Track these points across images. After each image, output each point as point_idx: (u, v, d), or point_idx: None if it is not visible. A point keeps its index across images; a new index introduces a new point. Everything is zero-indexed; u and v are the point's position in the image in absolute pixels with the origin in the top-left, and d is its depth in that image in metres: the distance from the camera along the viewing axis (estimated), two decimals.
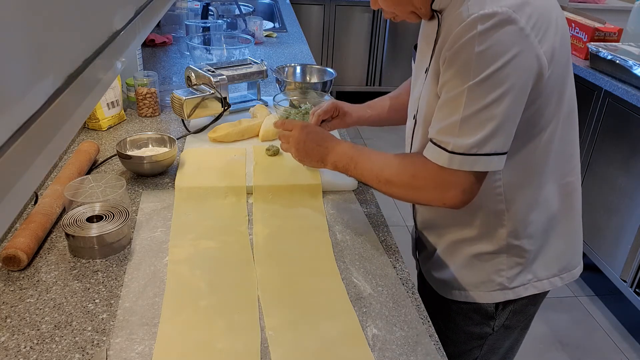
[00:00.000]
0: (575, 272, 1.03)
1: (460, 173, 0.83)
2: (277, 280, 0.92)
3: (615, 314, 2.28)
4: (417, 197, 0.92)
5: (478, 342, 1.07)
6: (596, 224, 2.24)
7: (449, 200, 0.85)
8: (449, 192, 0.85)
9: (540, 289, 1.00)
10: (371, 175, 0.95)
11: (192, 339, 0.78)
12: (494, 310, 1.02)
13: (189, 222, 1.05)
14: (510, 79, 0.77)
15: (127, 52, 0.52)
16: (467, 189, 0.84)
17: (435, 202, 0.88)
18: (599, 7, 3.83)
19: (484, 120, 0.79)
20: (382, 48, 4.09)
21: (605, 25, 2.35)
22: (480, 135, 0.79)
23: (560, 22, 0.84)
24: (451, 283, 1.04)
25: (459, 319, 1.06)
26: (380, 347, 0.79)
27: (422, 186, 0.88)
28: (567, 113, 0.90)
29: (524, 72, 0.78)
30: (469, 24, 0.77)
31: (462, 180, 0.83)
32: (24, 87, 0.31)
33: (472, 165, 0.81)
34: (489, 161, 0.81)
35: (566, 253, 1.01)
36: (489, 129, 0.79)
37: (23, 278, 0.89)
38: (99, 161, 1.27)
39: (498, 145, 0.80)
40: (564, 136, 0.92)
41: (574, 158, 0.97)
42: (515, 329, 1.07)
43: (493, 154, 0.81)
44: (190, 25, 2.32)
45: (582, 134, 2.30)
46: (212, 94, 1.41)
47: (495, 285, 0.99)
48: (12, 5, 0.29)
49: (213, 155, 1.29)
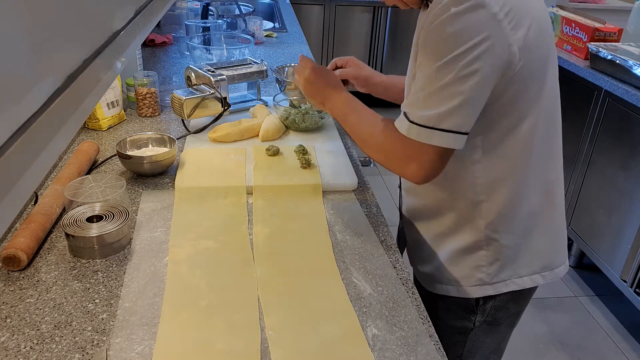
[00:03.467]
0: (558, 271, 1.04)
1: (421, 146, 0.85)
2: (277, 280, 0.92)
3: (615, 314, 2.28)
4: (384, 162, 0.95)
5: (461, 337, 1.09)
6: (596, 224, 2.24)
7: (408, 172, 0.88)
8: (410, 164, 0.88)
9: (520, 286, 1.01)
10: (353, 132, 1.00)
11: (192, 338, 0.78)
12: (474, 304, 1.04)
13: (189, 222, 1.05)
14: (477, 61, 0.79)
15: (127, 52, 0.52)
16: (426, 164, 0.86)
17: (397, 170, 0.91)
18: (599, 7, 3.83)
19: (446, 96, 0.81)
20: (382, 48, 4.09)
21: (605, 25, 2.35)
22: (439, 110, 0.82)
23: (539, 15, 0.85)
24: (434, 277, 1.07)
25: (442, 313, 1.08)
26: (380, 347, 0.79)
27: (389, 152, 0.92)
28: (548, 110, 0.92)
29: (491, 57, 0.79)
30: (444, 6, 0.80)
31: (422, 155, 0.86)
32: (24, 87, 0.31)
33: (429, 138, 0.84)
34: (446, 137, 0.83)
35: (548, 251, 1.02)
36: (450, 106, 0.81)
37: (23, 278, 0.89)
38: (99, 161, 1.27)
39: (456, 123, 0.82)
40: (546, 133, 0.93)
41: (557, 157, 0.99)
42: (498, 325, 1.08)
43: (450, 131, 0.83)
44: (190, 25, 2.32)
45: (582, 134, 2.30)
46: (212, 94, 1.41)
47: (475, 280, 1.01)
48: (12, 5, 0.29)
49: (213, 155, 1.29)
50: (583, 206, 2.32)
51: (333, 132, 1.46)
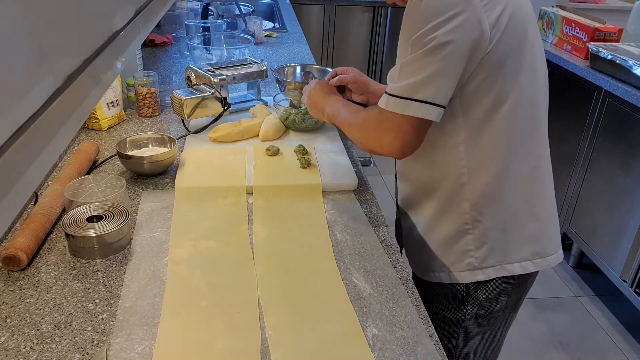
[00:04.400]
0: (550, 259, 1.04)
1: (395, 117, 0.88)
2: (277, 280, 0.92)
3: (615, 314, 2.28)
4: (364, 141, 0.97)
5: (452, 329, 1.09)
6: (596, 224, 2.24)
7: (386, 144, 0.91)
8: (385, 135, 0.91)
9: (511, 272, 1.02)
10: (342, 122, 1.05)
11: (192, 338, 0.78)
12: (464, 293, 1.05)
13: (189, 222, 1.05)
14: (449, 35, 0.83)
15: (127, 52, 0.52)
16: (402, 135, 0.89)
17: (374, 143, 0.94)
18: (599, 7, 3.83)
19: (419, 67, 0.85)
20: (382, 48, 4.09)
21: (605, 25, 2.35)
22: (412, 80, 0.86)
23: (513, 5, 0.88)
24: (426, 264, 1.09)
25: (434, 304, 1.09)
26: (380, 347, 0.79)
27: (367, 129, 0.95)
28: (529, 95, 0.94)
29: (463, 31, 0.83)
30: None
31: (398, 125, 0.89)
32: (24, 87, 0.31)
33: (404, 108, 0.87)
34: (419, 107, 0.86)
35: (539, 238, 1.02)
36: (422, 76, 0.85)
37: (23, 278, 0.89)
38: (99, 161, 1.27)
39: (430, 93, 0.85)
40: (529, 118, 0.96)
41: (542, 144, 1.01)
42: (490, 319, 1.08)
43: (424, 101, 0.85)
44: (190, 25, 2.32)
45: (582, 134, 2.30)
46: (212, 94, 1.41)
47: (465, 265, 1.02)
48: (13, 5, 0.29)
49: (213, 155, 1.29)
50: (583, 206, 2.32)
51: (333, 132, 1.46)
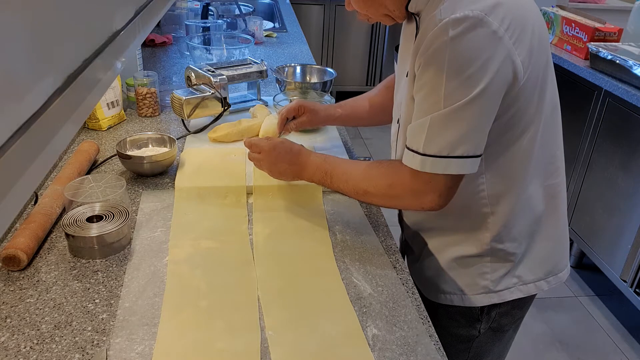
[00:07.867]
0: (561, 275, 1.03)
1: (435, 177, 0.83)
2: (277, 280, 0.92)
3: (615, 314, 2.28)
4: (396, 204, 0.93)
5: (465, 345, 1.07)
6: (596, 224, 2.24)
7: (426, 204, 0.86)
8: (426, 196, 0.85)
9: (525, 293, 0.99)
10: (348, 188, 0.97)
11: (192, 339, 0.78)
12: (479, 313, 1.02)
13: (189, 222, 1.05)
14: (482, 82, 0.76)
15: (127, 52, 0.52)
16: (443, 192, 0.84)
17: (414, 207, 0.90)
18: (599, 7, 3.83)
19: (456, 122, 0.79)
20: (382, 48, 4.09)
21: (605, 25, 2.35)
22: (451, 138, 0.80)
23: (538, 23, 0.83)
24: (437, 286, 1.04)
25: (445, 322, 1.06)
26: (380, 347, 0.79)
27: (400, 194, 0.89)
28: (549, 117, 0.90)
29: (496, 75, 0.77)
30: (441, 29, 0.76)
31: (437, 184, 0.84)
32: (24, 87, 0.31)
33: (445, 168, 0.81)
34: (462, 164, 0.81)
35: (552, 256, 1.01)
36: (460, 132, 0.79)
37: (23, 278, 0.89)
38: (99, 161, 1.27)
39: (470, 147, 0.80)
40: (547, 137, 0.91)
41: (558, 159, 0.97)
42: (503, 332, 1.06)
43: (465, 156, 0.81)
44: (190, 25, 2.32)
45: (582, 134, 2.30)
46: (212, 94, 1.41)
47: (480, 288, 0.99)
48: (13, 5, 0.29)
49: (213, 155, 1.29)
50: (583, 206, 2.32)
51: (333, 132, 1.46)
